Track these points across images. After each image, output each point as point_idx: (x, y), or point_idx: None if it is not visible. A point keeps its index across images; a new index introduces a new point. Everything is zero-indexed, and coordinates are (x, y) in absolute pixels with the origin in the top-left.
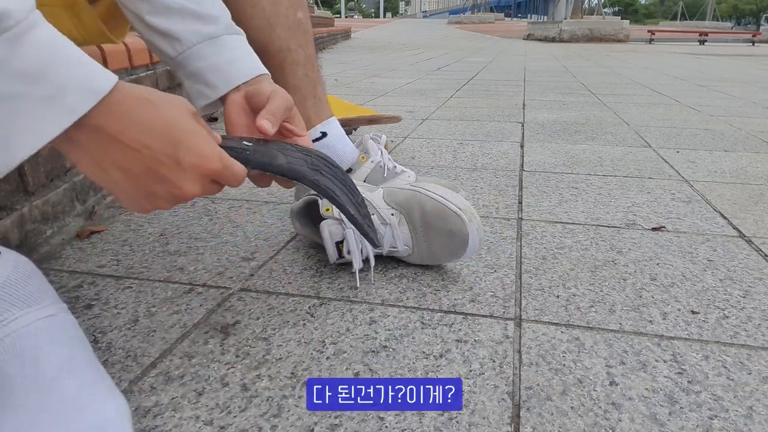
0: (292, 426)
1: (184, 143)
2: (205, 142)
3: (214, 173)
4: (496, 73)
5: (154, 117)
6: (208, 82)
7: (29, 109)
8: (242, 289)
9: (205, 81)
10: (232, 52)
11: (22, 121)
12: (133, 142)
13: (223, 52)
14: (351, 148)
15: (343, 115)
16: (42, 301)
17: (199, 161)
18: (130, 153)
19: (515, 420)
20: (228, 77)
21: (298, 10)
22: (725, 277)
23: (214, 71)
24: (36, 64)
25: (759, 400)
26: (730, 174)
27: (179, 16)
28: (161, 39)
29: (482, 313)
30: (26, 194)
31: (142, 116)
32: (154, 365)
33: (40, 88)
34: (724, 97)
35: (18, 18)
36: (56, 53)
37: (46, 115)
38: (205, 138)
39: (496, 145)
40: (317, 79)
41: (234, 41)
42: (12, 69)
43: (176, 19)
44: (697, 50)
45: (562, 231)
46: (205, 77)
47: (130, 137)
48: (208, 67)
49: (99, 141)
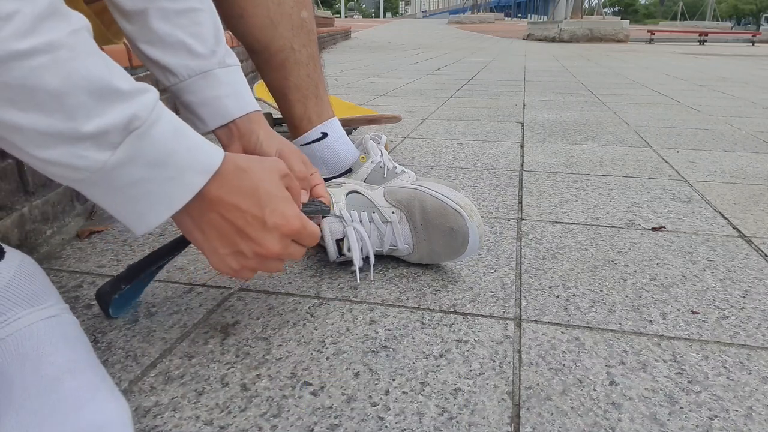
0: (292, 426)
1: (269, 205)
2: (287, 205)
3: (294, 233)
4: (496, 73)
5: (247, 182)
6: (198, 115)
7: (156, 189)
8: (242, 288)
9: (196, 114)
10: (222, 88)
11: (152, 198)
12: (227, 205)
13: (214, 87)
14: (351, 149)
15: (343, 115)
16: (45, 301)
17: (281, 221)
18: (225, 215)
19: (515, 420)
20: (219, 114)
21: (302, 10)
22: (725, 277)
23: (204, 106)
24: (162, 153)
25: (759, 400)
26: (730, 174)
27: (172, 49)
28: (156, 68)
29: (482, 313)
30: (26, 194)
31: (236, 183)
32: (154, 365)
33: (165, 171)
34: (723, 97)
35: (143, 118)
36: (177, 140)
37: (171, 192)
38: (288, 201)
39: (496, 145)
40: (319, 78)
41: (227, 75)
42: (143, 159)
43: (170, 52)
44: (696, 50)
45: (562, 231)
46: (196, 110)
47: (226, 201)
48: (199, 102)
49: (201, 206)
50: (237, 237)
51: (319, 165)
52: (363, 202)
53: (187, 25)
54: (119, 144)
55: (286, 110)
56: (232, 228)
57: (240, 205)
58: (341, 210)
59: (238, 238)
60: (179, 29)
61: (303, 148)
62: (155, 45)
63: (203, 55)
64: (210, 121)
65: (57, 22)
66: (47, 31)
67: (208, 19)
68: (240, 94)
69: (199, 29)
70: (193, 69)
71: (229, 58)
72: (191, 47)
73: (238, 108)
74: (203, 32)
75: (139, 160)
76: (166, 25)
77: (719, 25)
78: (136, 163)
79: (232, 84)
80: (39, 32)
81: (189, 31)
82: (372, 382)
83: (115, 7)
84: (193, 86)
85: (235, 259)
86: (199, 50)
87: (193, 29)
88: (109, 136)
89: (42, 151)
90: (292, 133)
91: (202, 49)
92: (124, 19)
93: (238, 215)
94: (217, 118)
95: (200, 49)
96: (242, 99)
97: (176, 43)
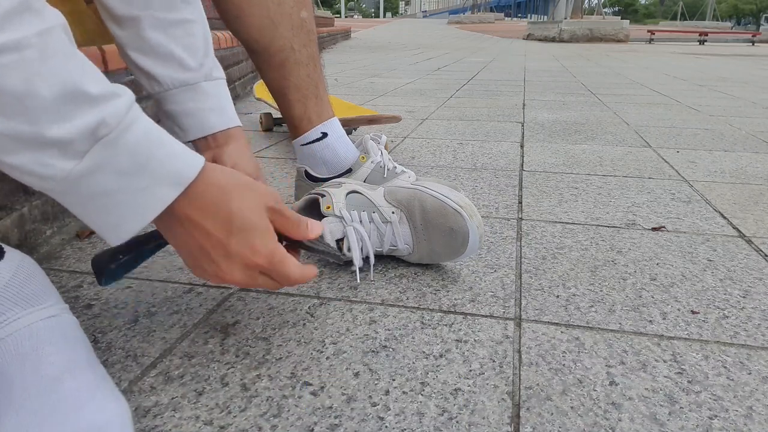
0: (292, 426)
1: (238, 235)
2: (261, 237)
3: (259, 267)
4: (496, 73)
5: (221, 205)
6: (179, 125)
7: (127, 199)
8: (242, 289)
9: (177, 123)
10: (206, 101)
11: (123, 209)
12: (195, 224)
13: (198, 99)
14: (351, 149)
15: (343, 115)
16: (45, 301)
17: (246, 253)
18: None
19: (515, 420)
20: (199, 126)
21: (302, 10)
22: (725, 277)
23: (186, 116)
24: (133, 163)
25: (759, 400)
26: (729, 174)
27: (163, 60)
28: (141, 75)
29: (482, 313)
30: (26, 194)
31: (209, 201)
32: (154, 365)
33: (136, 182)
34: (723, 97)
35: (112, 125)
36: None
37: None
38: (265, 233)
39: (496, 145)
40: (319, 78)
41: (213, 88)
42: (112, 168)
43: (159, 62)
44: (696, 50)
45: (562, 231)
46: (177, 119)
47: (194, 220)
48: (182, 112)
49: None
50: (200, 255)
51: (319, 165)
52: (363, 202)
53: (181, 36)
54: (86, 152)
55: (286, 110)
56: (197, 245)
57: (206, 226)
58: (341, 210)
59: (201, 256)
60: (172, 40)
61: (303, 148)
62: (146, 54)
63: (192, 68)
64: (190, 132)
65: (28, 19)
66: (15, 29)
67: (200, 31)
68: (224, 109)
69: (192, 40)
70: (179, 80)
71: (216, 71)
72: (182, 60)
73: (220, 122)
74: (195, 43)
75: (108, 169)
76: (160, 35)
77: (719, 25)
78: (105, 172)
79: (217, 97)
80: (5, 29)
81: (182, 43)
82: (372, 382)
83: (107, 12)
84: (177, 96)
85: (200, 271)
86: (188, 63)
87: (185, 40)
88: (74, 144)
89: (8, 156)
90: (292, 133)
91: (191, 61)
92: (115, 24)
93: (204, 236)
94: (198, 129)
95: (190, 62)
96: (225, 114)
97: (167, 54)
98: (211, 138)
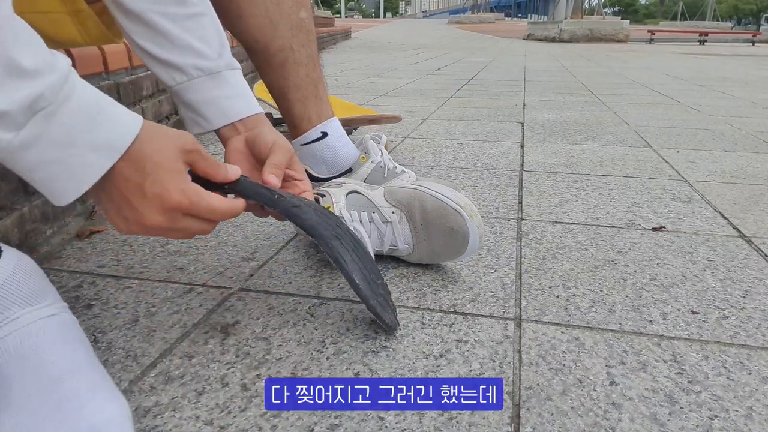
0: (292, 426)
1: (151, 176)
2: (173, 177)
3: (177, 206)
4: (496, 73)
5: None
6: (203, 114)
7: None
8: (242, 289)
9: (200, 112)
10: (229, 88)
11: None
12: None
13: (221, 87)
14: (351, 149)
15: (343, 115)
16: (43, 300)
17: (161, 192)
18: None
19: (515, 420)
20: (224, 113)
21: (301, 10)
22: (725, 277)
23: (210, 105)
24: (70, 134)
25: (759, 400)
26: (730, 174)
27: (180, 50)
28: (159, 67)
29: (482, 313)
30: (26, 194)
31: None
32: (154, 365)
33: (73, 151)
34: (724, 97)
35: (50, 98)
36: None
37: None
38: (177, 174)
39: (496, 145)
40: (319, 78)
41: (234, 77)
42: (50, 139)
43: (177, 52)
44: (697, 50)
45: (562, 231)
46: (200, 109)
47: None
48: (205, 101)
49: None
50: (122, 203)
51: (320, 165)
52: (363, 202)
53: (195, 29)
54: (24, 124)
55: (286, 110)
56: (118, 193)
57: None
58: (341, 210)
59: (123, 204)
60: (187, 32)
61: (303, 147)
62: (163, 46)
63: (211, 57)
64: (215, 120)
65: None
66: None
67: (211, 23)
68: (247, 96)
69: (205, 32)
70: (202, 69)
71: (234, 61)
72: (201, 50)
73: (247, 108)
74: (209, 35)
75: (46, 141)
76: (174, 27)
77: (719, 25)
78: (43, 143)
79: (240, 85)
80: None
81: (196, 35)
82: None
83: (117, 7)
84: (200, 85)
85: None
86: (207, 53)
87: (200, 32)
88: (12, 116)
89: None
90: (292, 133)
91: (210, 51)
92: (125, 18)
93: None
94: (223, 117)
95: (209, 52)
96: (250, 100)
97: (186, 45)
98: (239, 124)
